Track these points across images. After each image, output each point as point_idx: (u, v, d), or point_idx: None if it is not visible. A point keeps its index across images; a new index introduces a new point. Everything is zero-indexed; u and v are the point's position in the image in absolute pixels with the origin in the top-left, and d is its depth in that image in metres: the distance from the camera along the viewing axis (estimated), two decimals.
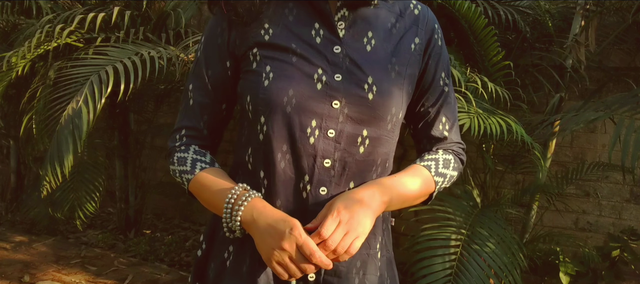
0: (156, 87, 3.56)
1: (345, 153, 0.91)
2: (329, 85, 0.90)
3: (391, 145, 0.97)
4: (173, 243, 3.75)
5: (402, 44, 0.97)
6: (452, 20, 2.68)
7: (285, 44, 0.92)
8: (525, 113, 2.68)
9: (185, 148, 0.99)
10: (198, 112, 0.99)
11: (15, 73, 2.75)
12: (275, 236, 0.85)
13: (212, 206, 0.95)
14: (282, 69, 0.90)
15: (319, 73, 0.90)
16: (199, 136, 1.00)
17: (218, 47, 0.97)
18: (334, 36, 0.93)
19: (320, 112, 0.89)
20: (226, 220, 0.91)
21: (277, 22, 0.94)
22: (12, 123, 4.17)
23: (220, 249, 0.98)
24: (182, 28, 3.17)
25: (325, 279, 0.94)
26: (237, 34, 0.95)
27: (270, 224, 0.86)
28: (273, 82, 0.89)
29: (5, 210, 4.41)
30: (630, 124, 1.93)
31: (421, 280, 2.11)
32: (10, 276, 3.04)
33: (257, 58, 0.92)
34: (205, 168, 0.97)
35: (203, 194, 0.95)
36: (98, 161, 3.53)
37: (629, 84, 2.93)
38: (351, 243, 0.85)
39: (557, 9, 2.92)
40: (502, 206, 2.63)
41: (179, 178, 0.99)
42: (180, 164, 0.98)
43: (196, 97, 0.99)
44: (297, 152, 0.90)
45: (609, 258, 2.75)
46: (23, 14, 3.45)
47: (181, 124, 1.01)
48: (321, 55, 0.91)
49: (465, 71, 2.35)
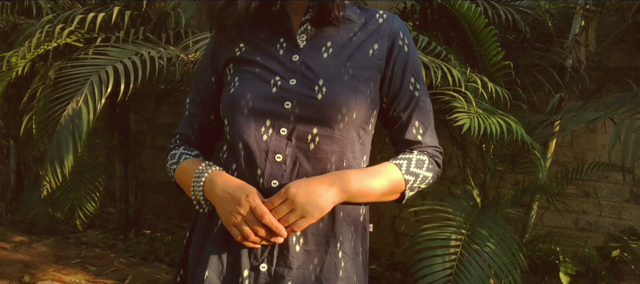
0: (156, 87, 3.56)
1: (296, 149, 0.99)
2: (283, 89, 1.00)
3: (347, 144, 1.01)
4: (173, 243, 3.75)
5: (359, 50, 1.04)
6: (452, 20, 2.68)
7: (252, 57, 1.04)
8: (525, 113, 2.68)
9: (177, 147, 1.15)
10: (189, 121, 1.16)
11: (15, 73, 2.75)
12: (232, 201, 0.95)
13: (187, 188, 1.06)
14: (245, 78, 1.03)
15: (276, 79, 1.01)
16: (188, 141, 1.16)
17: (207, 66, 1.13)
18: (294, 47, 1.04)
19: (274, 112, 0.99)
20: (193, 193, 1.02)
21: (250, 41, 1.07)
22: (12, 123, 4.18)
23: (196, 236, 1.09)
24: (182, 28, 3.18)
25: (276, 270, 0.98)
26: (219, 54, 1.10)
27: (227, 191, 0.96)
28: (236, 88, 1.02)
29: (5, 210, 4.41)
30: (630, 124, 1.93)
31: (421, 280, 2.11)
32: (10, 276, 3.04)
33: (230, 72, 1.07)
34: (189, 158, 1.11)
35: (181, 178, 1.09)
36: (98, 161, 3.53)
37: (629, 84, 2.93)
38: (295, 221, 0.94)
39: (557, 9, 2.92)
40: (502, 206, 2.63)
41: (170, 172, 1.13)
42: (171, 159, 1.14)
43: (190, 108, 1.16)
44: (252, 148, 0.99)
45: (609, 258, 2.75)
46: (23, 14, 3.45)
47: (177, 131, 1.18)
48: (281, 64, 1.03)
49: (465, 71, 2.35)
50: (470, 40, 2.51)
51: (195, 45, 2.59)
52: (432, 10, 2.93)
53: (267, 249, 0.98)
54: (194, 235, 1.10)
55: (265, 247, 0.98)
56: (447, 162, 3.42)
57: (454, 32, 2.83)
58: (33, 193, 3.87)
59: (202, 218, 1.08)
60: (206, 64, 1.13)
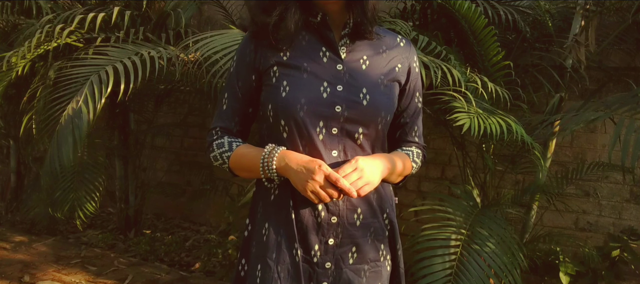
0: (156, 87, 3.56)
1: (346, 145, 1.19)
2: (333, 94, 1.18)
3: (382, 140, 1.27)
4: (173, 243, 3.75)
5: (389, 65, 1.26)
6: (452, 20, 2.68)
7: (298, 63, 1.20)
8: (525, 113, 2.68)
9: (221, 137, 1.27)
10: (230, 114, 1.27)
11: (15, 73, 2.75)
12: (308, 171, 1.12)
13: (251, 170, 1.21)
14: (295, 83, 1.18)
15: (325, 85, 1.18)
16: (230, 132, 1.28)
17: (247, 65, 1.24)
18: (337, 57, 1.22)
19: (326, 114, 1.17)
20: (263, 170, 1.17)
21: (293, 46, 1.21)
22: (12, 123, 4.17)
23: (260, 227, 1.24)
24: (182, 28, 3.18)
25: (342, 241, 1.21)
26: (261, 55, 1.22)
27: (301, 164, 1.13)
28: (289, 93, 1.17)
29: (5, 210, 4.41)
30: (630, 124, 1.93)
31: (421, 280, 2.11)
32: (10, 276, 3.04)
33: (276, 75, 1.20)
34: (240, 145, 1.25)
35: (242, 161, 1.22)
36: (98, 161, 3.53)
37: (629, 84, 2.92)
38: (362, 186, 1.13)
39: (557, 9, 2.92)
40: (502, 206, 2.63)
41: (220, 160, 1.25)
42: (219, 148, 1.25)
43: (230, 102, 1.27)
44: (312, 145, 1.17)
45: (609, 258, 2.75)
46: (23, 14, 3.45)
47: (216, 124, 1.29)
48: (327, 71, 1.20)
49: (465, 71, 2.35)
50: (470, 40, 2.51)
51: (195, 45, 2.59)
52: (432, 10, 2.93)
53: (333, 227, 1.19)
54: (256, 226, 1.25)
55: (331, 225, 1.19)
56: (447, 162, 3.42)
57: (454, 32, 2.83)
58: (33, 193, 3.87)
59: (267, 211, 1.23)
60: (246, 63, 1.24)
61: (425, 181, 3.51)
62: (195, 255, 3.61)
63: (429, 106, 2.56)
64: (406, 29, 2.44)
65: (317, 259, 1.20)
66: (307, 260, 1.20)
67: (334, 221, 1.20)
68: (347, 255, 1.22)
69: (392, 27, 2.46)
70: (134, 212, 3.99)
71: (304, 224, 1.19)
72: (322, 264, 1.20)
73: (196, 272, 3.31)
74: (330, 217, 1.19)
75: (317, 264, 1.20)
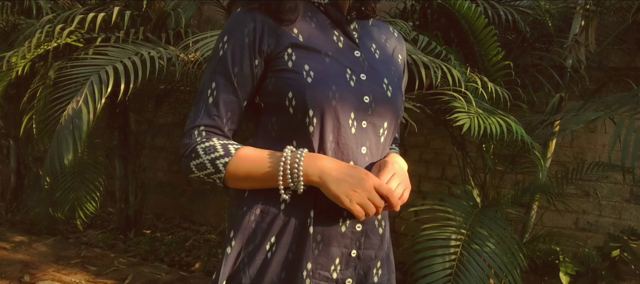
0: (156, 87, 3.55)
1: (372, 142, 1.04)
2: (360, 83, 1.02)
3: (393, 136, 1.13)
4: (173, 243, 3.75)
5: (393, 57, 1.15)
6: (452, 20, 2.68)
7: (318, 46, 1.01)
8: (525, 113, 2.68)
9: (207, 139, 1.00)
10: (222, 110, 1.01)
11: (15, 73, 2.75)
12: (354, 181, 0.95)
13: (262, 179, 0.98)
14: (320, 68, 0.99)
15: (349, 73, 1.02)
16: (220, 133, 1.02)
17: (247, 46, 1.00)
18: (353, 43, 1.06)
19: (356, 106, 1.01)
20: (285, 179, 0.96)
21: (303, 27, 1.03)
22: (12, 123, 4.17)
23: (259, 244, 1.00)
24: (182, 28, 3.17)
25: (364, 253, 1.05)
26: (268, 34, 1.00)
27: (345, 172, 0.96)
28: (315, 79, 0.98)
29: (5, 210, 4.41)
30: (630, 124, 1.93)
31: (421, 280, 2.11)
32: (10, 276, 3.04)
33: (292, 58, 0.99)
34: (240, 148, 1.00)
35: (248, 169, 0.98)
36: (98, 161, 3.53)
37: (629, 84, 2.92)
38: (402, 194, 1.01)
39: (557, 9, 2.92)
40: (502, 206, 2.63)
41: (209, 168, 0.99)
42: (208, 153, 0.99)
43: (220, 94, 1.00)
44: (343, 141, 1.00)
45: (609, 258, 2.75)
46: (23, 14, 3.45)
47: (199, 122, 1.01)
48: (347, 57, 1.04)
49: (465, 71, 2.35)
50: (470, 40, 2.51)
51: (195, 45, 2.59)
52: (432, 10, 2.93)
53: (356, 237, 1.03)
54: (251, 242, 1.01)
55: (354, 234, 1.03)
56: (447, 162, 3.42)
57: (454, 32, 2.83)
58: (33, 193, 3.87)
59: (272, 223, 1.00)
60: (245, 44, 1.00)
61: (425, 181, 3.50)
62: (195, 255, 3.61)
63: (429, 106, 2.56)
64: (406, 29, 2.44)
65: (336, 275, 1.02)
66: (325, 278, 1.01)
67: (358, 230, 1.03)
68: (371, 271, 1.06)
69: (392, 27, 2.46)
70: (134, 212, 3.99)
71: (325, 236, 1.01)
72: (341, 281, 1.03)
73: (196, 272, 3.31)
74: (355, 225, 1.03)
75: (335, 281, 1.02)
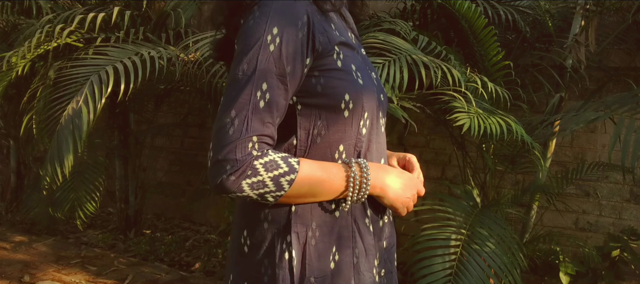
0: (156, 87, 3.56)
1: (381, 139, 1.04)
2: (378, 82, 1.03)
3: None
4: (173, 243, 3.75)
5: None
6: (452, 20, 2.68)
7: (350, 44, 0.97)
8: (525, 113, 2.68)
9: (265, 154, 0.85)
10: (275, 115, 0.86)
11: (15, 73, 2.75)
12: (408, 191, 1.00)
13: (323, 195, 0.90)
14: (361, 68, 0.96)
15: (369, 71, 1.00)
16: (272, 144, 0.88)
17: (300, 42, 0.87)
18: (359, 41, 1.06)
19: (380, 106, 1.00)
20: (353, 193, 0.91)
21: (336, 22, 0.97)
22: (12, 123, 4.18)
23: (323, 254, 0.92)
24: (182, 28, 3.18)
25: (388, 241, 1.07)
26: (319, 31, 0.89)
27: (401, 182, 0.99)
28: (364, 80, 0.95)
29: (5, 210, 4.41)
30: (630, 124, 1.93)
31: (421, 280, 2.11)
32: (10, 276, 3.04)
33: (340, 57, 0.92)
34: (299, 161, 0.88)
35: (313, 186, 0.88)
36: (98, 161, 3.53)
37: (629, 84, 2.92)
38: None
39: (557, 9, 2.92)
40: (502, 206, 2.63)
41: (270, 187, 0.85)
42: (270, 169, 0.84)
43: (274, 96, 0.85)
44: (379, 140, 1.01)
45: (609, 258, 2.75)
46: (23, 14, 3.45)
47: (252, 132, 0.83)
48: (362, 55, 1.03)
49: (465, 71, 2.35)
50: (470, 40, 2.51)
51: (195, 45, 2.59)
52: (432, 10, 2.93)
53: (387, 227, 1.05)
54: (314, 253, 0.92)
55: (384, 225, 1.04)
56: (447, 162, 3.42)
57: (454, 32, 2.83)
58: (33, 193, 3.87)
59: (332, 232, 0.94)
60: (299, 40, 0.86)
61: (425, 181, 3.50)
62: (195, 255, 3.61)
63: (429, 106, 2.56)
64: (406, 29, 2.44)
65: (375, 270, 1.01)
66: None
67: (387, 222, 1.05)
68: (393, 256, 1.08)
69: (392, 27, 2.46)
70: (134, 212, 3.99)
71: (374, 233, 1.01)
72: (377, 273, 1.01)
73: (196, 272, 3.31)
74: (386, 218, 1.05)
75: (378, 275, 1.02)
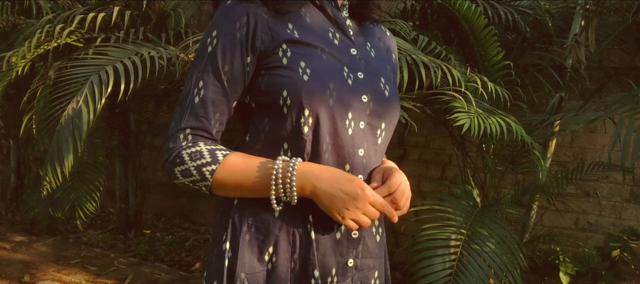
0: (156, 87, 3.56)
1: (370, 143, 0.99)
2: (357, 82, 0.98)
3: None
4: (173, 243, 3.75)
5: (388, 55, 1.12)
6: (452, 20, 2.68)
7: (314, 42, 0.96)
8: (525, 113, 2.68)
9: (194, 144, 0.94)
10: (210, 110, 0.95)
11: (15, 73, 2.75)
12: (348, 197, 0.90)
13: (251, 189, 0.93)
14: (316, 65, 0.94)
15: (346, 70, 0.97)
16: (208, 136, 0.96)
17: (239, 41, 0.94)
18: (349, 40, 1.02)
19: (354, 106, 0.96)
20: (277, 191, 0.91)
21: (298, 22, 0.98)
22: (12, 123, 4.18)
23: (257, 252, 0.95)
24: (182, 28, 3.17)
25: (361, 262, 1.01)
26: (262, 29, 0.94)
27: (338, 187, 0.90)
28: (312, 77, 0.93)
29: (5, 210, 4.41)
30: (630, 124, 1.93)
31: (421, 280, 2.11)
32: (10, 276, 3.04)
33: (287, 55, 0.94)
34: (228, 154, 0.93)
35: (237, 179, 0.93)
36: (98, 161, 3.53)
37: (629, 84, 2.93)
38: (405, 205, 0.98)
39: (557, 9, 2.92)
40: (502, 206, 2.63)
41: (194, 176, 0.93)
42: (194, 159, 0.92)
43: (209, 94, 0.94)
44: (340, 143, 0.95)
45: (609, 258, 2.75)
46: (23, 14, 3.45)
47: (185, 124, 0.94)
48: (343, 55, 0.99)
49: (465, 71, 2.35)
50: (470, 40, 2.51)
51: (195, 45, 2.59)
52: (432, 10, 2.93)
53: (353, 244, 0.99)
54: (242, 253, 0.95)
55: (351, 242, 0.99)
56: (447, 162, 3.42)
57: (454, 32, 2.83)
58: (33, 193, 3.87)
59: (268, 231, 0.95)
60: (237, 39, 0.93)
61: (425, 181, 3.50)
62: (195, 255, 3.61)
63: (429, 106, 2.56)
64: (406, 29, 2.44)
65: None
66: None
67: (354, 237, 0.99)
68: (369, 281, 1.02)
69: (392, 27, 2.46)
70: (134, 212, 3.99)
71: (322, 244, 0.96)
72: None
73: (196, 272, 3.31)
74: (351, 232, 0.98)
75: None
